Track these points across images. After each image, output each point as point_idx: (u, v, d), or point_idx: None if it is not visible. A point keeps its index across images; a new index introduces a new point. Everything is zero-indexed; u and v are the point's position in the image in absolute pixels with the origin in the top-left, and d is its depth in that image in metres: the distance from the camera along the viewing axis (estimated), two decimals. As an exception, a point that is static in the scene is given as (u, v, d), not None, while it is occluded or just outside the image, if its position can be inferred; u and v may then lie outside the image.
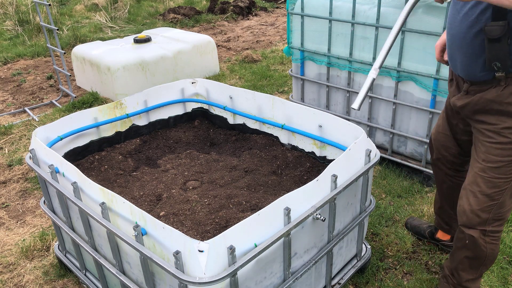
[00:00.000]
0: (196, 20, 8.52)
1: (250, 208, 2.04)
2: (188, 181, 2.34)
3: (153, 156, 2.67)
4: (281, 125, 2.57)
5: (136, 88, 4.81)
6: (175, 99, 2.93)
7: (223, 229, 1.84)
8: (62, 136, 2.41)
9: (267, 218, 1.56)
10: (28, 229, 2.97)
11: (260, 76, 5.54)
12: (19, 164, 3.73)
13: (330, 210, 1.87)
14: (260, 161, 2.51)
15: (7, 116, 4.79)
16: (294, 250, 1.76)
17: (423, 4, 2.87)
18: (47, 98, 5.27)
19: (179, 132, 2.92)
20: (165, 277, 1.63)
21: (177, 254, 1.43)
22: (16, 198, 3.32)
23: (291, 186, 2.26)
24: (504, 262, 2.44)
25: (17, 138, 4.20)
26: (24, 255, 2.71)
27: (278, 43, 7.03)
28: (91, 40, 7.06)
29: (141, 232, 1.58)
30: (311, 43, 3.57)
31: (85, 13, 9.19)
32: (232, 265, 1.46)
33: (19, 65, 6.36)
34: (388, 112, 3.23)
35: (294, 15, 3.58)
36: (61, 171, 1.98)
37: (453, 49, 1.79)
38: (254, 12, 9.19)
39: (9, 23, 8.17)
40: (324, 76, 3.60)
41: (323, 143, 2.41)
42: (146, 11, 9.18)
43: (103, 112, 2.60)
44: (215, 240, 1.41)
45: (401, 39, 2.94)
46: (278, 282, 1.74)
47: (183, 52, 5.29)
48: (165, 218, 2.00)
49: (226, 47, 7.05)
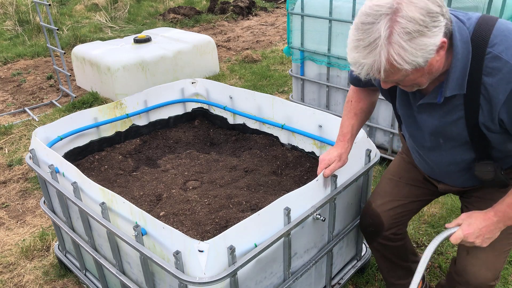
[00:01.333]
0: (196, 20, 8.52)
1: (250, 208, 2.04)
2: (188, 181, 2.34)
3: (153, 156, 2.67)
4: (281, 125, 2.57)
5: (136, 88, 4.81)
6: (175, 99, 2.93)
7: (223, 229, 1.84)
8: (62, 136, 2.40)
9: (267, 218, 1.56)
10: (28, 229, 2.97)
11: (260, 76, 5.54)
12: (19, 164, 3.73)
13: (330, 210, 1.87)
14: (260, 161, 2.51)
15: (7, 116, 4.79)
16: (294, 250, 1.76)
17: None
18: (47, 98, 5.27)
19: (179, 132, 2.92)
20: (165, 277, 1.63)
21: (177, 254, 1.43)
22: (16, 198, 3.32)
23: (291, 186, 2.26)
24: (504, 262, 2.44)
25: (17, 138, 4.20)
26: (24, 255, 2.71)
27: (278, 43, 7.03)
28: (91, 40, 7.06)
29: (141, 232, 1.58)
30: (311, 43, 3.57)
31: (85, 13, 9.19)
32: (232, 265, 1.46)
33: (19, 65, 6.36)
34: (388, 112, 3.23)
35: (294, 15, 3.58)
36: (61, 171, 1.98)
37: (431, 169, 1.69)
38: (254, 12, 9.19)
39: (9, 23, 8.17)
40: (324, 76, 3.60)
41: (323, 143, 2.41)
42: (146, 11, 9.18)
43: (103, 112, 2.60)
44: (215, 240, 1.41)
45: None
46: (278, 282, 1.74)
47: (183, 52, 5.29)
48: (165, 218, 2.00)
49: (226, 47, 7.05)
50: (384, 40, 1.14)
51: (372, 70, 1.20)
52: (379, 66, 1.18)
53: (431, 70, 1.25)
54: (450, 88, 1.31)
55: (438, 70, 1.28)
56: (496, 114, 1.30)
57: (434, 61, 1.22)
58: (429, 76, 1.28)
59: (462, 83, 1.30)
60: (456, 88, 1.31)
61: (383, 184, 1.90)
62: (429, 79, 1.30)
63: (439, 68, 1.27)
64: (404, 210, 1.83)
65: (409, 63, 1.17)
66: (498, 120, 1.31)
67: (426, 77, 1.28)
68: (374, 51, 1.17)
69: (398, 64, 1.17)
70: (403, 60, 1.16)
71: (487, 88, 1.27)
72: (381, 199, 1.85)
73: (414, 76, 1.25)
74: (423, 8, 1.14)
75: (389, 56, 1.16)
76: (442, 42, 1.19)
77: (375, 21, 1.15)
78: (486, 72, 1.26)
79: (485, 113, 1.32)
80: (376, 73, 1.22)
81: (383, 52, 1.16)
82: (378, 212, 1.83)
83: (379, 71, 1.20)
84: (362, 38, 1.18)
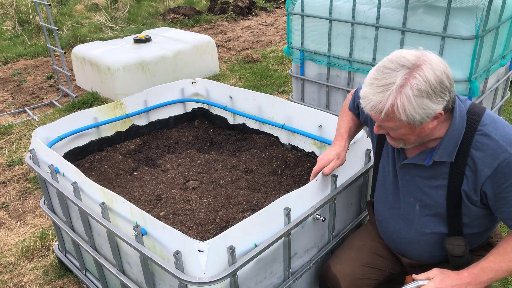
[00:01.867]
0: (196, 20, 8.52)
1: (250, 208, 2.04)
2: (188, 181, 2.34)
3: (153, 156, 2.67)
4: (281, 125, 2.57)
5: (136, 88, 4.81)
6: (175, 99, 2.93)
7: (223, 229, 1.83)
8: (62, 136, 2.40)
9: (267, 218, 1.56)
10: (28, 229, 2.97)
11: (260, 76, 5.54)
12: (19, 164, 3.73)
13: (330, 210, 1.87)
14: (260, 161, 2.51)
15: (7, 116, 4.79)
16: (294, 250, 1.76)
17: (423, 4, 2.87)
18: (47, 98, 5.27)
19: (179, 132, 2.92)
20: (165, 277, 1.63)
21: (177, 254, 1.43)
22: (16, 198, 3.32)
23: (291, 186, 2.26)
24: (504, 262, 2.43)
25: (17, 138, 4.20)
26: (24, 255, 2.71)
27: (278, 43, 7.03)
28: (91, 40, 7.06)
29: (141, 232, 1.58)
30: (311, 43, 3.57)
31: (85, 13, 9.19)
32: (232, 265, 1.46)
33: (19, 65, 6.36)
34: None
35: (294, 15, 3.58)
36: (61, 171, 1.98)
37: (401, 246, 1.71)
38: (254, 12, 9.19)
39: (9, 23, 8.17)
40: (324, 76, 3.60)
41: (323, 143, 2.41)
42: (146, 11, 9.18)
43: (103, 112, 2.60)
44: (215, 240, 1.41)
45: (401, 39, 2.94)
46: (278, 282, 1.74)
47: (183, 52, 5.29)
48: (165, 218, 2.00)
49: (226, 47, 7.05)
50: (396, 87, 1.27)
51: (376, 108, 1.32)
52: (383, 108, 1.31)
53: (421, 133, 1.39)
54: (440, 154, 1.44)
55: (426, 136, 1.42)
56: (480, 186, 1.41)
57: (426, 127, 1.36)
58: (417, 138, 1.42)
59: (452, 152, 1.43)
60: (446, 155, 1.44)
61: (346, 248, 1.87)
62: (416, 142, 1.44)
63: (429, 135, 1.41)
64: (364, 278, 1.77)
65: (407, 116, 1.30)
66: (481, 192, 1.43)
67: (414, 138, 1.41)
68: (385, 93, 1.29)
69: (398, 112, 1.29)
70: (404, 111, 1.29)
71: (475, 161, 1.40)
72: (341, 263, 1.81)
73: (405, 131, 1.38)
74: (439, 77, 1.27)
75: (395, 102, 1.28)
76: (439, 113, 1.33)
77: (395, 69, 1.29)
78: (475, 146, 1.40)
79: (470, 183, 1.43)
80: (378, 113, 1.33)
81: (391, 97, 1.28)
82: (338, 276, 1.77)
83: (381, 112, 1.32)
84: (379, 78, 1.31)
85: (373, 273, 1.79)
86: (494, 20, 2.82)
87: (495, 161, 1.37)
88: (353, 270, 1.77)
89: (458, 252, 1.54)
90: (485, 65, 2.97)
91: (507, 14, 2.99)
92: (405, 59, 1.29)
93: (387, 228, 1.73)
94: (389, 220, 1.70)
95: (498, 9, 2.83)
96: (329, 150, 1.80)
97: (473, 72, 2.76)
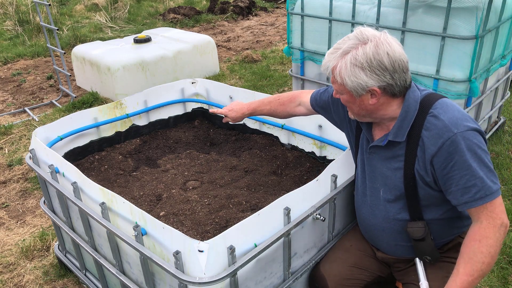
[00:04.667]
0: (196, 20, 8.52)
1: (250, 208, 2.04)
2: (188, 181, 2.34)
3: (153, 156, 2.67)
4: (281, 125, 2.57)
5: (136, 88, 4.81)
6: (175, 99, 2.93)
7: (223, 229, 1.83)
8: (62, 136, 2.41)
9: (267, 218, 1.56)
10: (28, 229, 2.97)
11: (260, 76, 5.54)
12: (19, 164, 3.73)
13: (330, 210, 1.87)
14: (260, 161, 2.51)
15: (7, 116, 4.79)
16: (294, 250, 1.76)
17: (423, 4, 2.87)
18: (47, 98, 5.27)
19: (179, 132, 2.92)
20: (165, 277, 1.63)
21: (177, 254, 1.43)
22: (16, 198, 3.32)
23: (291, 186, 2.26)
24: (504, 262, 2.44)
25: (17, 138, 4.20)
26: (24, 255, 2.71)
27: (278, 43, 7.03)
28: (91, 40, 7.06)
29: (141, 232, 1.58)
30: (311, 43, 3.57)
31: (85, 13, 9.19)
32: (232, 265, 1.46)
33: (19, 65, 6.36)
34: (388, 112, 3.23)
35: (294, 15, 3.58)
36: (61, 171, 1.98)
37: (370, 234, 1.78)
38: (254, 12, 9.19)
39: (9, 23, 8.17)
40: (324, 76, 3.60)
41: (323, 143, 2.41)
42: (146, 11, 9.18)
43: (103, 112, 2.60)
44: (215, 240, 1.41)
45: (401, 39, 2.94)
46: (278, 282, 1.74)
47: (183, 52, 5.29)
48: (165, 218, 2.00)
49: (226, 47, 7.05)
50: (342, 52, 1.46)
51: (324, 66, 1.53)
52: (328, 66, 1.51)
53: (362, 106, 1.51)
54: (394, 134, 1.54)
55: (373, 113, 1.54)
56: (428, 163, 1.48)
57: (366, 101, 1.49)
58: (360, 110, 1.54)
59: (403, 133, 1.52)
60: (400, 135, 1.53)
61: (335, 249, 1.91)
62: (361, 115, 1.57)
63: (376, 112, 1.53)
64: (352, 278, 1.79)
65: (342, 78, 1.46)
66: (431, 172, 1.50)
67: (357, 109, 1.54)
68: (333, 55, 1.49)
69: (336, 73, 1.48)
70: (339, 73, 1.47)
71: (423, 140, 1.49)
72: (330, 263, 1.84)
73: (347, 98, 1.53)
74: (379, 55, 1.41)
75: (337, 64, 1.47)
76: (374, 89, 1.45)
77: (350, 39, 1.46)
78: (426, 127, 1.49)
79: (420, 162, 1.51)
80: (325, 70, 1.53)
81: (335, 59, 1.48)
82: (325, 276, 1.80)
83: (327, 69, 1.52)
84: (338, 43, 1.51)
85: (360, 274, 1.81)
86: (494, 20, 2.82)
87: (439, 139, 1.44)
88: (341, 270, 1.80)
89: (418, 234, 1.58)
90: (485, 65, 2.97)
91: (507, 14, 2.99)
92: (363, 34, 1.44)
93: (359, 216, 1.81)
94: (361, 208, 1.78)
95: (498, 9, 2.83)
96: (240, 103, 2.17)
97: (473, 72, 2.76)
